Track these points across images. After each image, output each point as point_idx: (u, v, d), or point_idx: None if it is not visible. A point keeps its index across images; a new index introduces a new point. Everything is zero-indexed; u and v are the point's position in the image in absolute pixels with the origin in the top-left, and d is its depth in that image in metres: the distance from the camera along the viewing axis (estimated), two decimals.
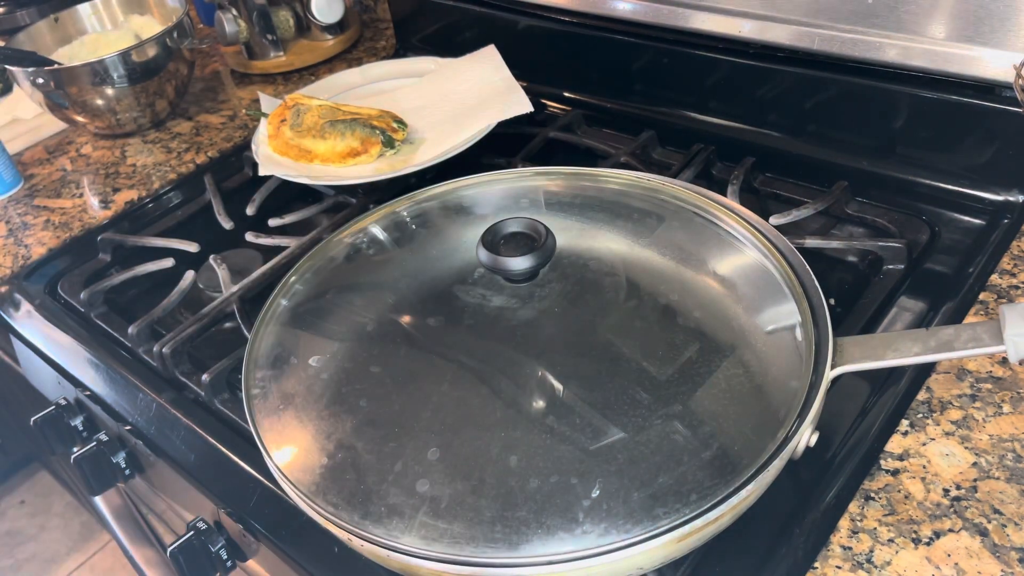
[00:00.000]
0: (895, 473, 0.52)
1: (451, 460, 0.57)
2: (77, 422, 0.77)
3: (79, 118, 1.03)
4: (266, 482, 0.58)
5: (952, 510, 0.49)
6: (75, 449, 0.74)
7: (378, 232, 0.69)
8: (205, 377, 0.65)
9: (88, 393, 0.73)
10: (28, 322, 0.81)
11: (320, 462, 0.57)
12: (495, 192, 0.71)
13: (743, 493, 0.43)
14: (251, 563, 0.64)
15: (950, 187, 0.73)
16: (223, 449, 0.62)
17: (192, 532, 0.61)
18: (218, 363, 0.66)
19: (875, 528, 0.49)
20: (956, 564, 0.46)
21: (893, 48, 0.71)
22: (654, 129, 0.86)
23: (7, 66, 0.99)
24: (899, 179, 0.75)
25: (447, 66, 0.98)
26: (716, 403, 0.57)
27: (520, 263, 0.61)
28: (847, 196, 0.73)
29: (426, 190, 0.71)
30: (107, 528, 0.82)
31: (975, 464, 0.51)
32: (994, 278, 0.64)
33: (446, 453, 0.57)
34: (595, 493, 0.53)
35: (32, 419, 0.77)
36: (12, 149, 1.08)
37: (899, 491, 0.51)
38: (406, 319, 0.68)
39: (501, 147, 0.86)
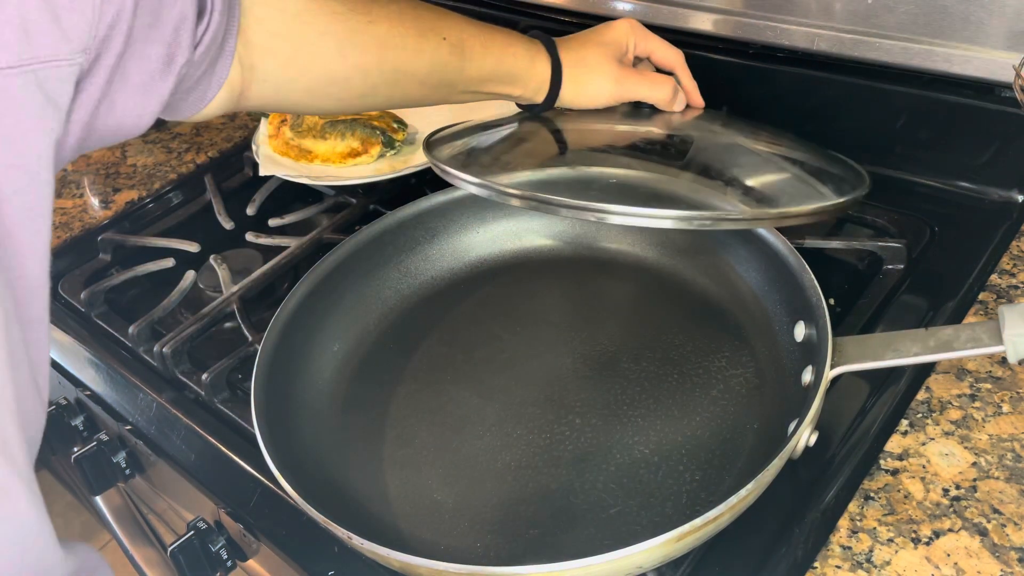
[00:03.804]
0: (895, 473, 0.52)
1: (451, 460, 0.57)
2: (77, 422, 0.77)
3: None
4: (266, 482, 0.58)
5: (952, 510, 0.49)
6: (75, 449, 0.74)
7: (383, 237, 0.69)
8: (205, 377, 0.65)
9: (88, 393, 0.73)
10: None
11: (321, 461, 0.57)
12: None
13: (742, 492, 0.43)
14: (251, 563, 0.64)
15: (950, 187, 0.73)
16: (223, 449, 0.62)
17: (192, 532, 0.61)
18: (218, 363, 0.66)
19: (875, 528, 0.49)
20: (956, 564, 0.46)
21: (893, 48, 0.71)
22: None
23: None
24: (899, 179, 0.75)
25: None
26: (715, 403, 0.57)
27: None
28: None
29: (430, 197, 0.71)
30: (107, 528, 0.81)
31: (975, 464, 0.51)
32: (993, 278, 0.64)
33: (447, 453, 0.57)
34: (595, 493, 0.53)
35: None
36: None
37: (899, 491, 0.51)
38: (410, 322, 0.68)
39: None
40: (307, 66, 0.53)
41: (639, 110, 0.67)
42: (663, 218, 0.49)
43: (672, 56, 0.67)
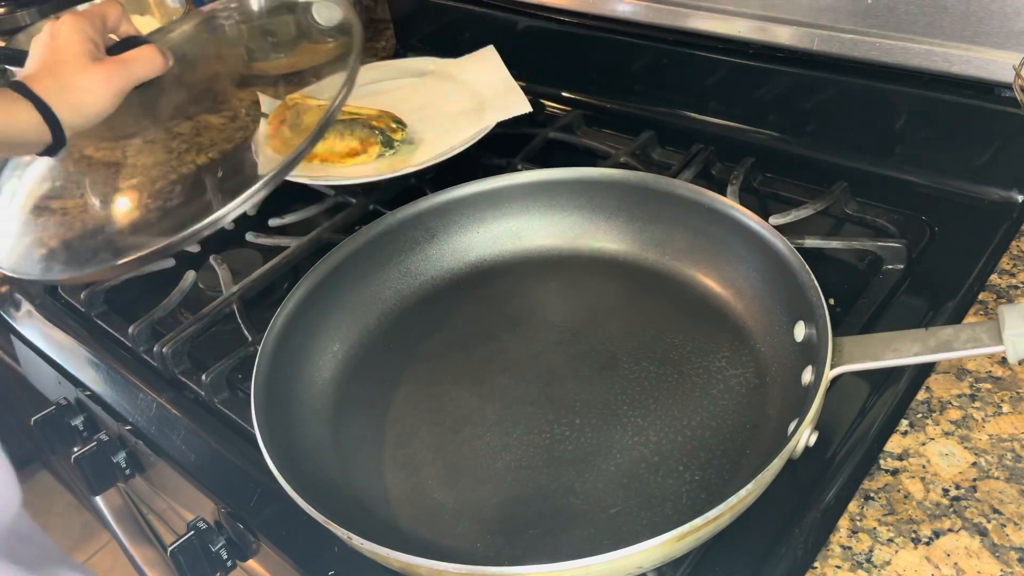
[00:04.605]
0: (895, 473, 0.52)
1: (451, 460, 0.57)
2: (77, 422, 0.77)
3: None
4: (266, 482, 0.58)
5: (952, 510, 0.49)
6: (75, 449, 0.74)
7: (383, 237, 0.69)
8: (205, 377, 0.65)
9: (88, 393, 0.73)
10: (28, 322, 0.81)
11: (321, 461, 0.57)
12: (495, 194, 0.71)
13: (742, 492, 0.43)
14: (251, 563, 0.64)
15: (950, 187, 0.73)
16: (223, 449, 0.62)
17: (192, 532, 0.61)
18: (218, 363, 0.66)
19: (875, 528, 0.49)
20: (955, 564, 0.46)
21: (893, 48, 0.71)
22: (654, 129, 0.86)
23: (7, 66, 0.99)
24: (899, 179, 0.75)
25: (447, 66, 0.98)
26: (715, 403, 0.57)
27: None
28: (847, 196, 0.73)
29: (430, 197, 0.71)
30: (107, 528, 0.82)
31: (975, 464, 0.51)
32: (993, 278, 0.64)
33: (447, 453, 0.57)
34: (595, 493, 0.53)
35: (32, 419, 0.77)
36: None
37: (899, 491, 0.51)
38: (410, 322, 0.68)
39: (501, 148, 0.86)
40: None
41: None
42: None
43: (109, 12, 0.65)
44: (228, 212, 0.60)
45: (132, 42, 0.66)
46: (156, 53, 0.64)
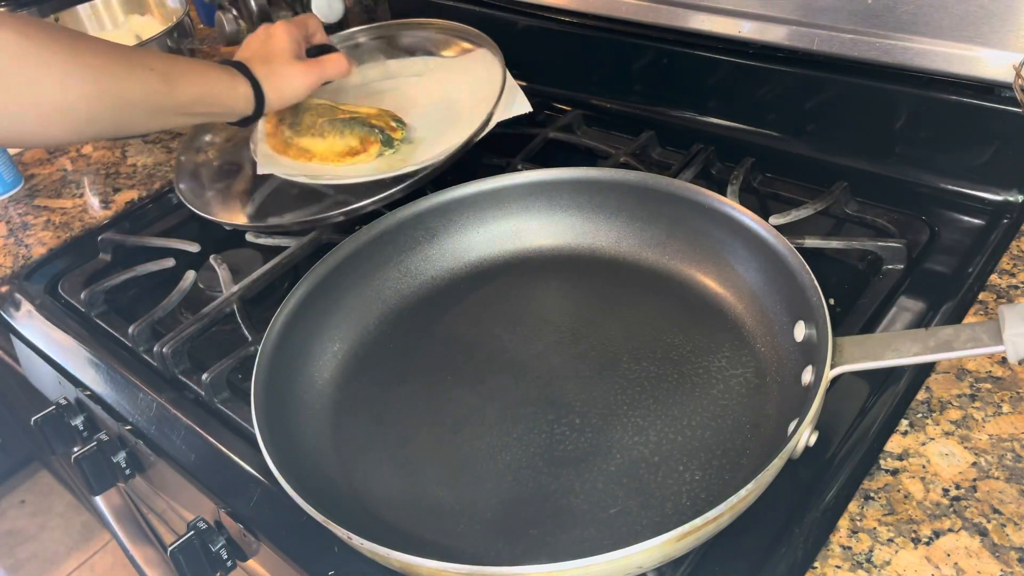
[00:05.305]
0: (895, 473, 0.52)
1: (451, 460, 0.57)
2: (77, 422, 0.77)
3: None
4: (266, 482, 0.58)
5: (952, 510, 0.49)
6: (75, 449, 0.74)
7: (383, 237, 0.69)
8: (205, 377, 0.65)
9: (88, 393, 0.73)
10: (28, 322, 0.81)
11: (321, 461, 0.57)
12: (495, 194, 0.71)
13: (742, 492, 0.43)
14: (251, 563, 0.64)
15: (950, 187, 0.73)
16: (223, 449, 0.62)
17: (192, 532, 0.61)
18: (218, 363, 0.66)
19: (875, 528, 0.49)
20: (956, 564, 0.46)
21: (893, 48, 0.71)
22: (654, 129, 0.86)
23: None
24: (899, 179, 0.75)
25: (446, 66, 0.98)
26: (715, 403, 0.57)
27: None
28: (847, 196, 0.73)
29: (430, 197, 0.71)
30: (107, 528, 0.82)
31: (975, 464, 0.51)
32: (993, 278, 0.64)
33: (446, 453, 0.57)
34: (595, 493, 0.53)
35: (32, 419, 0.77)
36: (12, 149, 1.08)
37: (899, 491, 0.51)
38: (410, 322, 0.68)
39: (501, 147, 0.86)
40: (34, 99, 0.59)
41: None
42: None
43: (310, 22, 0.81)
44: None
45: (324, 49, 0.80)
46: (345, 60, 0.79)
